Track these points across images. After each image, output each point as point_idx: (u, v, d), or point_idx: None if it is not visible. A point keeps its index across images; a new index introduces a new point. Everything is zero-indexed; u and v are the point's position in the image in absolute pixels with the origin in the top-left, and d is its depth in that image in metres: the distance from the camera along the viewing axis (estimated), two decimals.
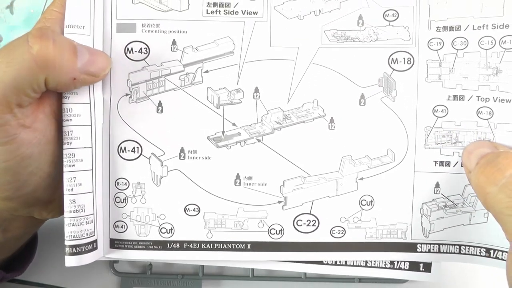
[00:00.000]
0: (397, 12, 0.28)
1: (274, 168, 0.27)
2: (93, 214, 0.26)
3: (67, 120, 0.25)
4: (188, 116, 0.27)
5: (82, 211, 0.26)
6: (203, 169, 0.27)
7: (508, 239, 0.24)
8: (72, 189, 0.25)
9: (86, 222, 0.26)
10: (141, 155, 0.27)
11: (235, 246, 0.28)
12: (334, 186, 0.28)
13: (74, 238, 0.26)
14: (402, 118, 0.28)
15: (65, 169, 0.26)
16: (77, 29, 0.25)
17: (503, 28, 0.27)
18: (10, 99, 0.23)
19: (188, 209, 0.27)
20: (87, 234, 0.26)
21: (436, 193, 0.28)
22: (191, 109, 0.27)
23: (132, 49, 0.27)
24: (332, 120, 0.28)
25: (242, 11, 0.28)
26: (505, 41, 0.27)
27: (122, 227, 0.27)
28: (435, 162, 0.28)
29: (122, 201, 0.27)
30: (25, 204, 0.26)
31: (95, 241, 0.27)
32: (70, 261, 0.26)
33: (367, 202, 0.28)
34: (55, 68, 0.23)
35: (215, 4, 0.27)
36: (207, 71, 0.27)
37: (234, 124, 0.27)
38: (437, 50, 0.28)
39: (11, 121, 0.23)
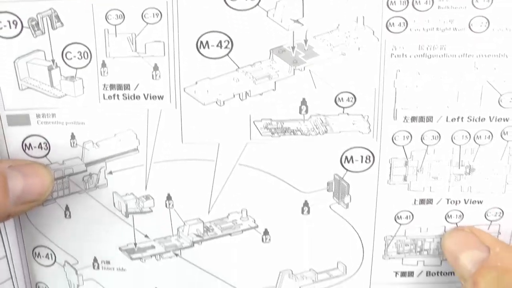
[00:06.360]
0: (354, 96, 0.20)
1: (197, 283, 0.23)
2: None
3: None
4: (96, 223, 0.23)
5: None
6: (119, 281, 0.24)
7: None
8: None
9: None
10: (56, 262, 0.24)
11: None
12: None
13: None
14: (357, 227, 0.22)
15: None
16: None
17: (479, 121, 0.21)
18: None
19: None
20: None
21: None
22: (99, 216, 0.23)
23: (30, 145, 0.22)
24: (266, 232, 0.22)
25: (144, 95, 0.21)
26: (480, 136, 0.21)
27: None
28: (396, 273, 0.23)
29: None
30: None
31: None
32: None
33: None
34: None
35: (112, 87, 0.21)
36: (111, 172, 0.22)
37: (146, 236, 0.23)
38: (403, 145, 0.21)
39: None
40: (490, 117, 0.21)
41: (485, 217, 0.22)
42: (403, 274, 0.23)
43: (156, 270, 0.23)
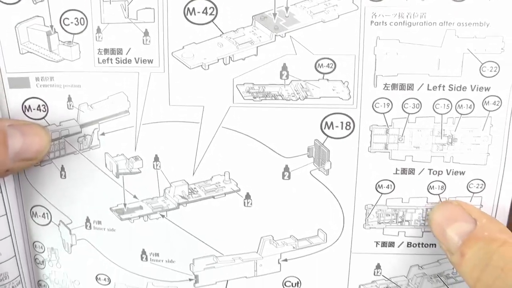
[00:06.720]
0: (334, 62, 0.21)
1: (181, 245, 0.24)
2: (20, 275, 0.26)
3: None
4: (89, 184, 0.24)
5: (6, 278, 0.26)
6: (109, 241, 0.25)
7: None
8: None
9: (13, 286, 0.26)
10: (51, 222, 0.25)
11: None
12: (252, 267, 0.24)
13: None
14: (337, 195, 0.22)
15: None
16: None
17: (460, 90, 0.21)
18: None
19: (99, 278, 0.26)
20: None
21: (377, 275, 0.24)
22: (92, 176, 0.24)
23: (30, 106, 0.23)
24: (248, 196, 0.23)
25: (135, 59, 0.22)
26: (461, 106, 0.21)
27: (44, 286, 0.27)
28: (377, 242, 0.23)
29: (41, 262, 0.27)
30: None
31: None
32: None
33: (292, 283, 0.24)
34: None
35: (106, 51, 0.22)
36: (103, 134, 0.23)
37: (135, 197, 0.24)
38: (384, 113, 0.21)
39: None
40: (471, 86, 0.21)
41: (468, 189, 0.22)
42: (384, 244, 0.23)
43: (143, 231, 0.24)
